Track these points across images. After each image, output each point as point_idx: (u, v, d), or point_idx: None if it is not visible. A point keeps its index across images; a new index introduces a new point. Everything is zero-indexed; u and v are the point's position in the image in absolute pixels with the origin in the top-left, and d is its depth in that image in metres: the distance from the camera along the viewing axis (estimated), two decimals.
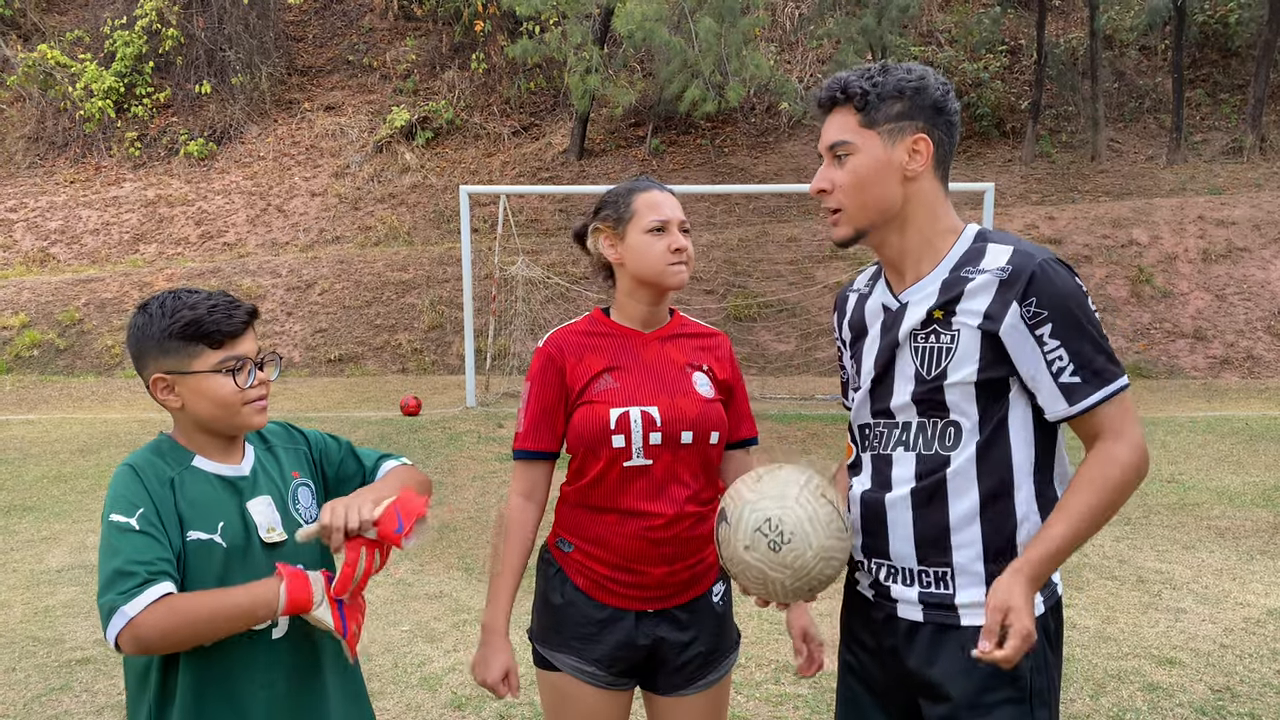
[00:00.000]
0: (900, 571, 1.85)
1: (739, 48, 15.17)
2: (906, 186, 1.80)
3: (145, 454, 1.82)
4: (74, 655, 4.66)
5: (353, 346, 15.44)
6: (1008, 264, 1.74)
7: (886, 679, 1.91)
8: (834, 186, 1.83)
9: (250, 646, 1.79)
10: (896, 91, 1.78)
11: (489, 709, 4.02)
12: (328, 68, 22.92)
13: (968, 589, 1.79)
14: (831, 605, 2.31)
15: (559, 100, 20.96)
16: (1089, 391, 1.72)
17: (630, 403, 2.16)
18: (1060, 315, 1.71)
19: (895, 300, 1.88)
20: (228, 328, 1.78)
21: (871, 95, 1.78)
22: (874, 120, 1.78)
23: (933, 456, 1.80)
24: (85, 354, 15.64)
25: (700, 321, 2.38)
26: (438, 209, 18.76)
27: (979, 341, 1.75)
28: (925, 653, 1.81)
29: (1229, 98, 19.16)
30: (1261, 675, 4.24)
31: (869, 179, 1.80)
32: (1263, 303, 14.09)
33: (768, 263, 15.87)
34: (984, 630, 1.67)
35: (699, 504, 2.20)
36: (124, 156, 21.07)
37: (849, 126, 1.80)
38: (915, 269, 1.85)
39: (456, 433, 10.06)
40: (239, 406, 1.80)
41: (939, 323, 1.79)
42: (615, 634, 2.18)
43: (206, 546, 1.75)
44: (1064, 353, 1.71)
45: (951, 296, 1.78)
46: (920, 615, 1.83)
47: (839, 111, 1.82)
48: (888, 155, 1.79)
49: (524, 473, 2.28)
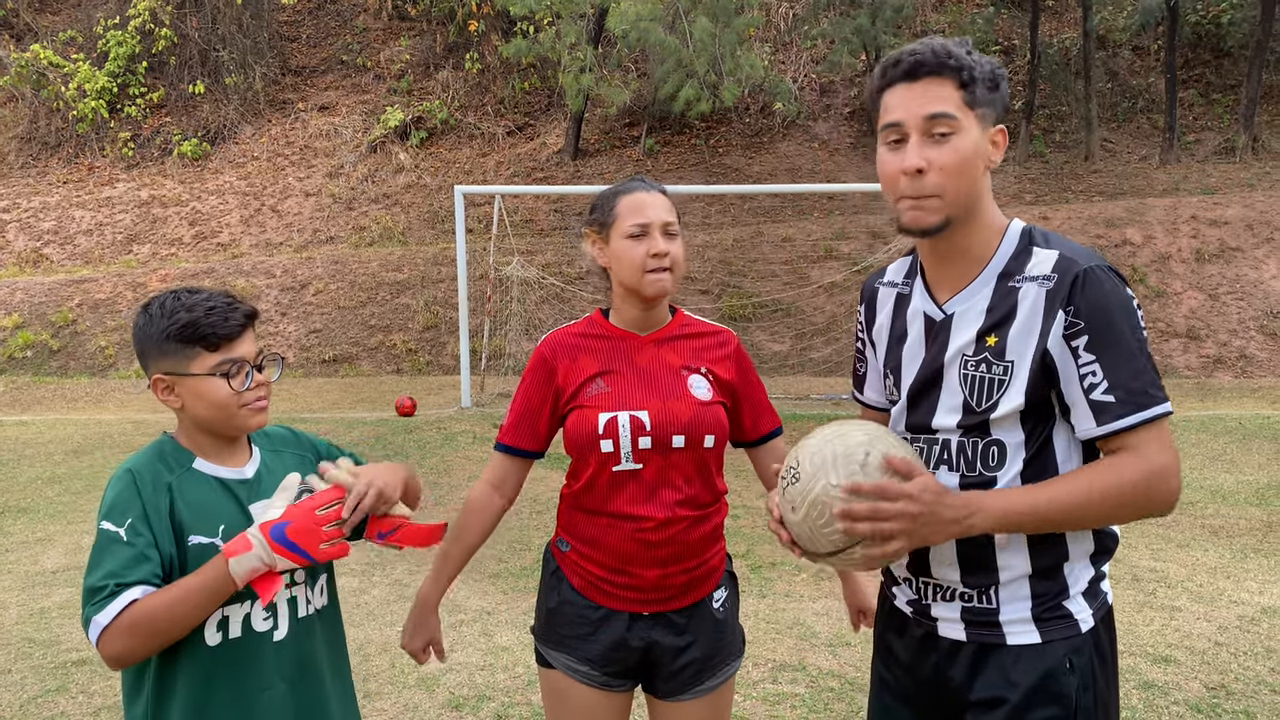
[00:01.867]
0: (943, 589, 1.76)
1: (733, 48, 15.20)
2: (985, 176, 1.68)
3: (146, 456, 1.81)
4: (70, 657, 4.65)
5: (347, 347, 15.42)
6: (1053, 271, 1.62)
7: (924, 696, 1.83)
8: (932, 166, 1.63)
9: (252, 649, 1.79)
10: (991, 76, 1.64)
11: (486, 709, 4.02)
12: (321, 68, 22.90)
13: (1012, 604, 1.70)
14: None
15: (553, 100, 20.97)
16: (1120, 413, 1.58)
17: (620, 407, 2.14)
18: (1099, 328, 1.58)
19: (939, 310, 1.75)
20: (223, 330, 1.77)
21: (977, 72, 1.62)
22: (975, 100, 1.63)
23: (976, 478, 1.70)
24: (79, 355, 15.60)
25: (705, 319, 2.35)
26: (432, 209, 18.75)
27: (1029, 369, 1.64)
28: (968, 671, 1.74)
29: (1221, 98, 19.22)
30: (1256, 673, 4.26)
31: (971, 162, 1.63)
32: (1255, 302, 14.14)
33: (762, 263, 15.89)
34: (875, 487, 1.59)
35: (694, 507, 2.17)
36: (117, 157, 21.03)
37: (953, 100, 1.62)
38: (963, 272, 1.72)
39: (452, 433, 10.06)
40: (235, 409, 1.80)
41: (990, 351, 1.67)
42: (609, 634, 2.18)
43: (208, 551, 1.74)
44: (1098, 368, 1.58)
45: (1002, 317, 1.66)
46: (963, 634, 1.74)
47: (934, 81, 1.62)
48: (982, 141, 1.65)
49: (497, 464, 2.30)
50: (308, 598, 1.90)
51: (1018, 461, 1.68)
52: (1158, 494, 1.58)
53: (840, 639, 4.75)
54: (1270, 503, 7.34)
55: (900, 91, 1.65)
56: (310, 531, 1.73)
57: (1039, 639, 1.68)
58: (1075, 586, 1.70)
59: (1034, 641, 1.68)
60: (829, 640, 4.74)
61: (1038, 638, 1.68)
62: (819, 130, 19.98)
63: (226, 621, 1.78)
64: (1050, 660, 1.67)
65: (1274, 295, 14.17)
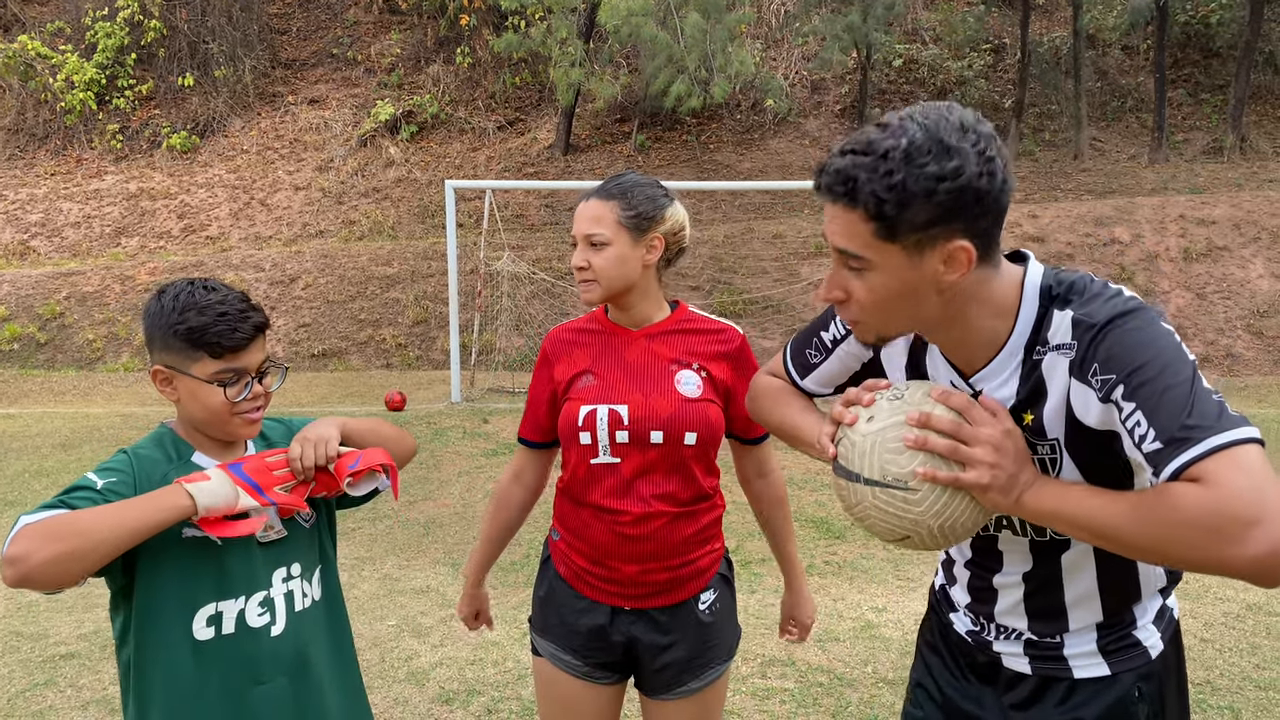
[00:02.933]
0: (1006, 630, 1.70)
1: (724, 44, 15.21)
2: (945, 294, 1.45)
3: (146, 445, 1.81)
4: (58, 650, 4.64)
5: (337, 341, 15.38)
6: (1072, 340, 1.43)
7: (971, 711, 1.77)
8: (849, 297, 1.47)
9: (246, 644, 1.78)
10: (925, 193, 1.34)
11: (476, 703, 4.02)
12: (311, 61, 22.81)
13: (1077, 640, 1.64)
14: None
15: (544, 95, 20.94)
16: (1171, 456, 1.27)
17: (600, 401, 2.16)
18: (1129, 375, 1.35)
19: (966, 384, 1.58)
20: (229, 341, 1.75)
21: (889, 203, 1.35)
22: (895, 232, 1.37)
23: (1046, 544, 1.59)
24: (66, 348, 15.53)
25: (711, 315, 2.33)
26: (422, 203, 18.71)
27: (1076, 444, 1.47)
28: (1033, 701, 1.67)
29: (1210, 98, 19.32)
30: (1241, 669, 4.30)
31: (894, 297, 1.44)
32: (1242, 301, 14.23)
33: (753, 259, 15.91)
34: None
35: (674, 504, 2.15)
36: (105, 149, 20.92)
37: (859, 237, 1.40)
38: (979, 354, 1.55)
39: (442, 428, 10.05)
40: (228, 417, 1.79)
41: (1031, 429, 1.49)
42: (590, 625, 2.20)
43: (201, 543, 1.73)
44: (1140, 417, 1.32)
45: (1032, 393, 1.49)
46: (1028, 668, 1.68)
47: (841, 209, 1.41)
48: (916, 271, 1.41)
49: (518, 456, 2.41)
50: (304, 590, 1.89)
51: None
52: (1227, 534, 1.18)
53: (829, 635, 4.77)
54: None
55: (825, 206, 1.45)
56: (263, 471, 1.74)
57: (1108, 671, 1.62)
58: (1144, 617, 1.64)
59: (1102, 674, 1.62)
60: (818, 636, 4.76)
61: (1106, 670, 1.62)
62: (810, 127, 20.01)
63: (219, 617, 1.76)
64: (1119, 690, 1.61)
65: (1260, 294, 14.26)
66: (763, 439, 2.33)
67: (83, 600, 5.33)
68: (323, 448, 1.80)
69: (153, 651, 1.73)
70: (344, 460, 1.82)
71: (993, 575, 1.67)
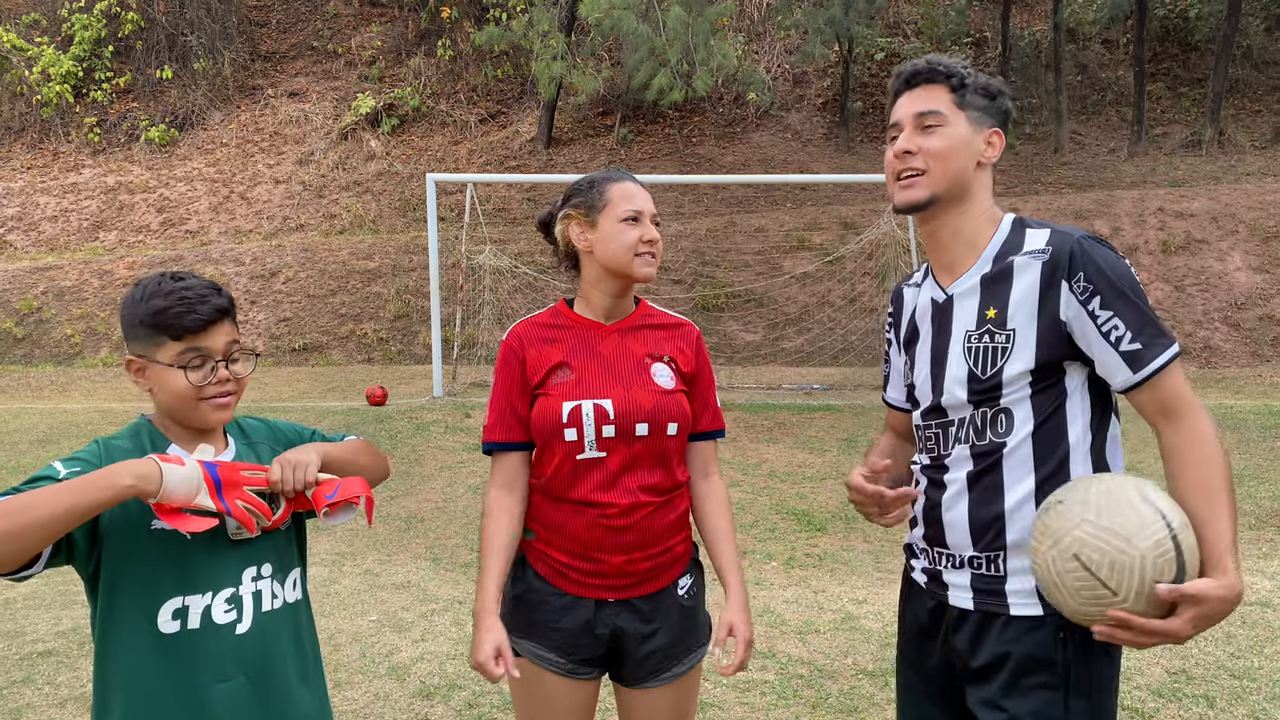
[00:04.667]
0: (954, 558, 1.89)
1: (706, 37, 15.18)
2: (979, 172, 1.91)
3: (122, 437, 1.81)
4: (35, 648, 4.60)
5: (317, 336, 15.31)
6: (1047, 245, 1.80)
7: (937, 667, 1.95)
8: (920, 150, 1.90)
9: (209, 640, 1.78)
10: (985, 88, 1.91)
11: (457, 698, 4.02)
12: (292, 54, 22.66)
13: (1019, 576, 1.81)
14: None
15: (526, 88, 20.88)
16: (1152, 356, 1.74)
17: (583, 396, 2.16)
18: (1107, 286, 1.74)
19: (943, 292, 1.94)
20: (187, 323, 1.75)
21: (968, 81, 1.90)
22: (966, 103, 1.90)
23: (986, 445, 1.84)
24: (44, 343, 15.40)
25: (669, 311, 2.37)
26: (404, 197, 18.63)
27: (1034, 334, 1.79)
28: (971, 640, 1.85)
29: (1189, 91, 19.44)
30: (1216, 658, 4.34)
31: (957, 149, 1.88)
32: (1220, 294, 14.34)
33: (735, 253, 15.92)
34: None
35: (656, 494, 2.19)
36: (83, 142, 20.73)
37: (942, 100, 1.90)
38: (962, 257, 1.92)
39: (423, 423, 10.03)
40: (195, 402, 1.78)
41: (992, 322, 1.83)
42: (573, 621, 2.19)
43: (169, 535, 1.74)
44: (1119, 321, 1.74)
45: (999, 290, 1.84)
46: (970, 603, 1.86)
47: (928, 88, 1.92)
48: (971, 136, 1.90)
49: (499, 465, 2.26)
50: (274, 591, 1.88)
51: (1026, 428, 1.80)
52: (1213, 432, 1.74)
53: (810, 626, 4.79)
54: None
55: (902, 98, 1.95)
56: (233, 482, 1.73)
57: (1040, 612, 1.79)
58: None
59: (1035, 614, 1.79)
60: (798, 628, 4.78)
61: (1039, 610, 1.79)
62: (792, 121, 20.03)
63: (185, 611, 1.76)
64: (1046, 631, 1.78)
65: (1238, 287, 14.38)
66: (706, 435, 2.33)
67: (61, 597, 5.29)
68: (302, 472, 1.79)
69: (115, 641, 1.73)
70: (322, 489, 1.81)
71: (941, 493, 1.90)
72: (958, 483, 1.87)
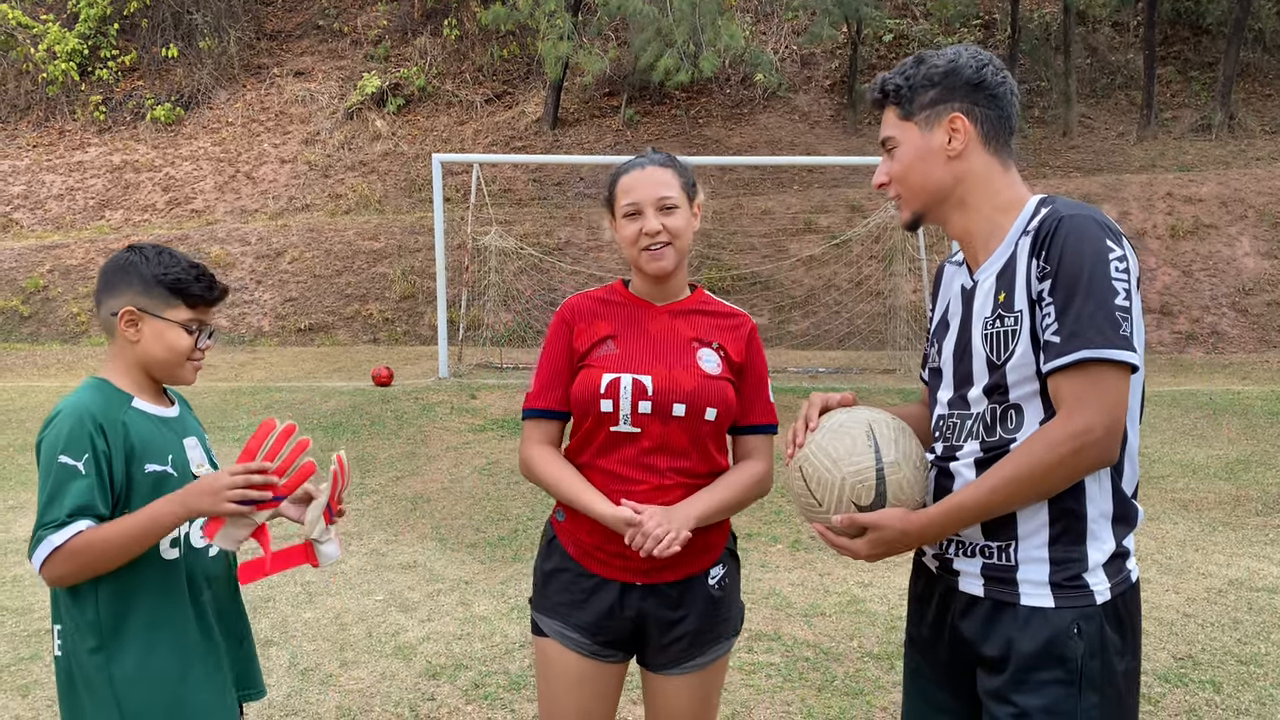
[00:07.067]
0: (966, 546, 1.87)
1: (713, 17, 15.09)
2: (954, 166, 1.88)
3: (91, 395, 2.00)
4: (43, 625, 4.62)
5: (323, 316, 15.31)
6: (1037, 222, 1.78)
7: (945, 651, 1.94)
8: (889, 177, 1.95)
9: (196, 560, 2.06)
10: (927, 81, 1.88)
11: (464, 677, 4.03)
12: (297, 32, 22.56)
13: (1030, 565, 1.78)
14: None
15: (532, 68, 20.77)
16: (1060, 352, 1.68)
17: (624, 369, 2.17)
18: (1063, 272, 1.69)
19: (970, 279, 1.93)
20: (208, 297, 2.09)
21: (904, 89, 1.90)
22: (910, 112, 1.90)
23: (995, 440, 1.81)
24: (50, 321, 15.42)
25: (726, 302, 2.35)
26: (409, 177, 18.58)
27: (1031, 314, 1.76)
28: (982, 627, 1.83)
29: (1199, 75, 19.30)
30: (1222, 644, 4.34)
31: (911, 164, 1.90)
32: (1228, 279, 14.28)
33: (741, 235, 15.88)
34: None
35: (688, 477, 2.17)
36: (88, 120, 20.68)
37: (891, 121, 1.93)
38: (985, 247, 1.89)
39: (429, 404, 10.03)
40: (184, 361, 2.07)
41: (1003, 306, 1.81)
42: (599, 603, 2.19)
43: (162, 477, 1.99)
44: (1053, 310, 1.69)
45: (1008, 273, 1.81)
46: (981, 590, 1.84)
47: (887, 110, 1.95)
48: (926, 141, 1.88)
49: (537, 430, 2.26)
50: None
51: (1034, 425, 1.76)
52: (1088, 447, 1.67)
53: (815, 609, 4.79)
54: (1238, 477, 7.45)
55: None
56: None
57: (1052, 604, 1.75)
58: (1095, 558, 1.76)
59: (1047, 606, 1.76)
60: (804, 610, 4.79)
61: (1051, 603, 1.75)
62: (799, 102, 19.93)
63: (182, 539, 2.03)
64: (1059, 624, 1.74)
65: (1246, 272, 14.32)
66: (754, 429, 2.29)
67: None
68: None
69: (131, 571, 1.94)
70: (283, 554, 2.09)
71: (951, 483, 1.88)
72: (968, 474, 1.85)
